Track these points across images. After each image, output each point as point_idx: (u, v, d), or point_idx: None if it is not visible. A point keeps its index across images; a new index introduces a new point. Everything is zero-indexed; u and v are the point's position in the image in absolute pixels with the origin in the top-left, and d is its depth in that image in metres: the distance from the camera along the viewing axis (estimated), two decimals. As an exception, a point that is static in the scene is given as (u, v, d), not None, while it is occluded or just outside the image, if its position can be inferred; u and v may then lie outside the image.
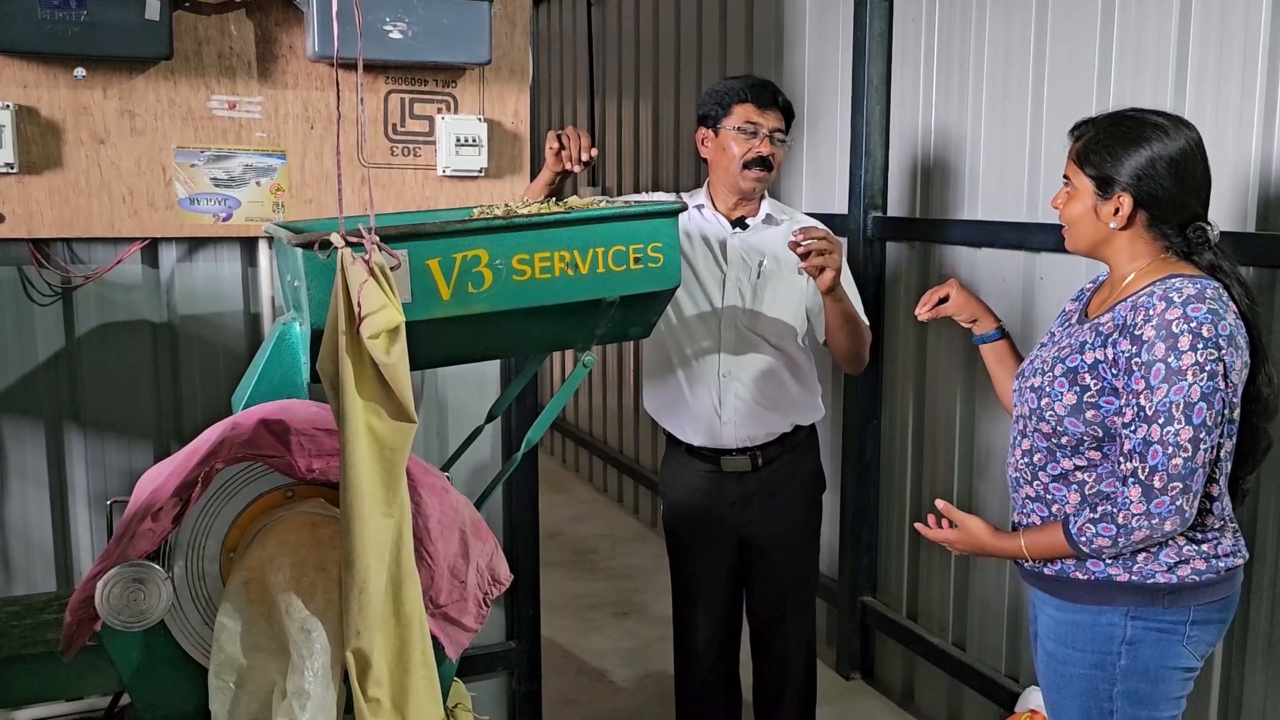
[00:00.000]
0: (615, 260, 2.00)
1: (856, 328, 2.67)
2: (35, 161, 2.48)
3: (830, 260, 2.43)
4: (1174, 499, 1.78)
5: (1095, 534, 1.85)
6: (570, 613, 4.45)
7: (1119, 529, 1.82)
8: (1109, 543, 1.84)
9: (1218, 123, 2.48)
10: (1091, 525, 1.86)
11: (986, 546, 2.04)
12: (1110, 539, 1.84)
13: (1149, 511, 1.80)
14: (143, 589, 1.71)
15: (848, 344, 2.68)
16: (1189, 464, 1.78)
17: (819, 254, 2.41)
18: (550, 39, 6.83)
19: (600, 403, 6.20)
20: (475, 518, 1.92)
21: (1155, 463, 1.78)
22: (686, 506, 2.84)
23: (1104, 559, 1.90)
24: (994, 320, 2.25)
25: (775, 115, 2.66)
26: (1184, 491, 1.79)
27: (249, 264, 2.76)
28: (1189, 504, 1.80)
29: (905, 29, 3.51)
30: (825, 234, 2.44)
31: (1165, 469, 1.78)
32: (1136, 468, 1.81)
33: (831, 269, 2.44)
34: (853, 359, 2.74)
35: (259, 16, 2.60)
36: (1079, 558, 1.91)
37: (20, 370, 2.62)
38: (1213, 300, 1.80)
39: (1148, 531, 1.81)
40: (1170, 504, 1.79)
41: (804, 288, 2.71)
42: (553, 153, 2.48)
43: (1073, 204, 1.95)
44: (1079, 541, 1.88)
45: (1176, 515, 1.79)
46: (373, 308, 1.54)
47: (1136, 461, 1.81)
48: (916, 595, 3.62)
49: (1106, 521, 1.84)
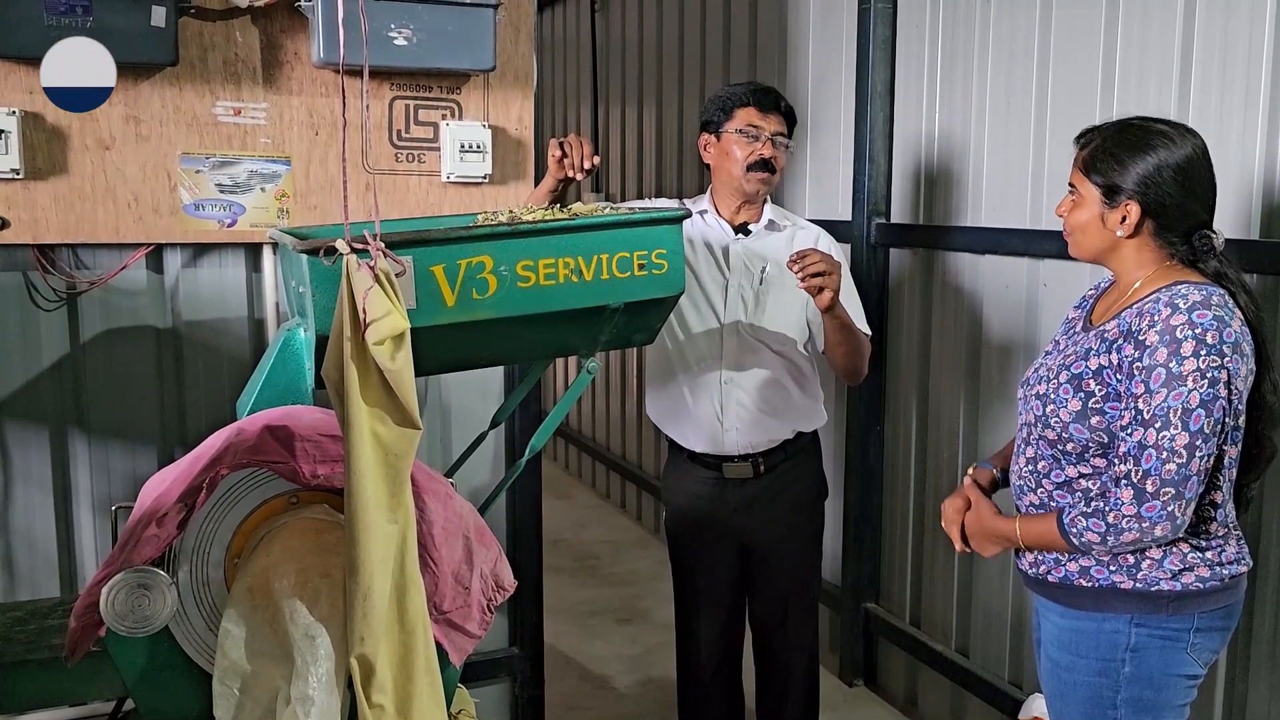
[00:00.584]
0: (619, 267, 2.00)
1: (855, 344, 2.67)
2: (41, 167, 2.48)
3: (829, 281, 2.42)
4: (1165, 504, 1.78)
5: (1086, 527, 1.85)
6: (573, 619, 4.45)
7: (1108, 527, 1.82)
8: (1098, 538, 1.84)
9: (1222, 130, 2.48)
10: (1083, 518, 1.86)
11: (987, 525, 2.04)
12: (1099, 535, 1.83)
13: (1139, 515, 1.79)
14: (147, 595, 1.71)
15: (845, 359, 2.68)
16: (1183, 470, 1.77)
17: (816, 274, 2.41)
18: (554, 45, 6.84)
19: (604, 408, 6.20)
20: (479, 524, 1.92)
21: (1148, 467, 1.78)
22: (688, 513, 2.84)
23: (1094, 556, 1.90)
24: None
25: (777, 119, 2.67)
26: (1176, 498, 1.78)
27: (253, 270, 2.77)
28: (1181, 510, 1.79)
29: (909, 35, 3.51)
30: (823, 257, 2.44)
31: (1158, 474, 1.78)
32: (1130, 470, 1.80)
33: (830, 289, 2.43)
34: (851, 372, 2.74)
35: (264, 23, 2.60)
36: (1070, 550, 1.90)
37: (25, 375, 2.63)
38: (1218, 307, 1.80)
39: (1137, 534, 1.81)
40: (1161, 509, 1.78)
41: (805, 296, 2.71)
42: (555, 160, 2.49)
43: (1078, 211, 1.94)
44: (1070, 532, 1.87)
45: (1167, 521, 1.79)
46: (377, 314, 1.54)
47: (1130, 464, 1.81)
48: (920, 602, 3.62)
49: (1097, 517, 1.84)
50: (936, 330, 3.46)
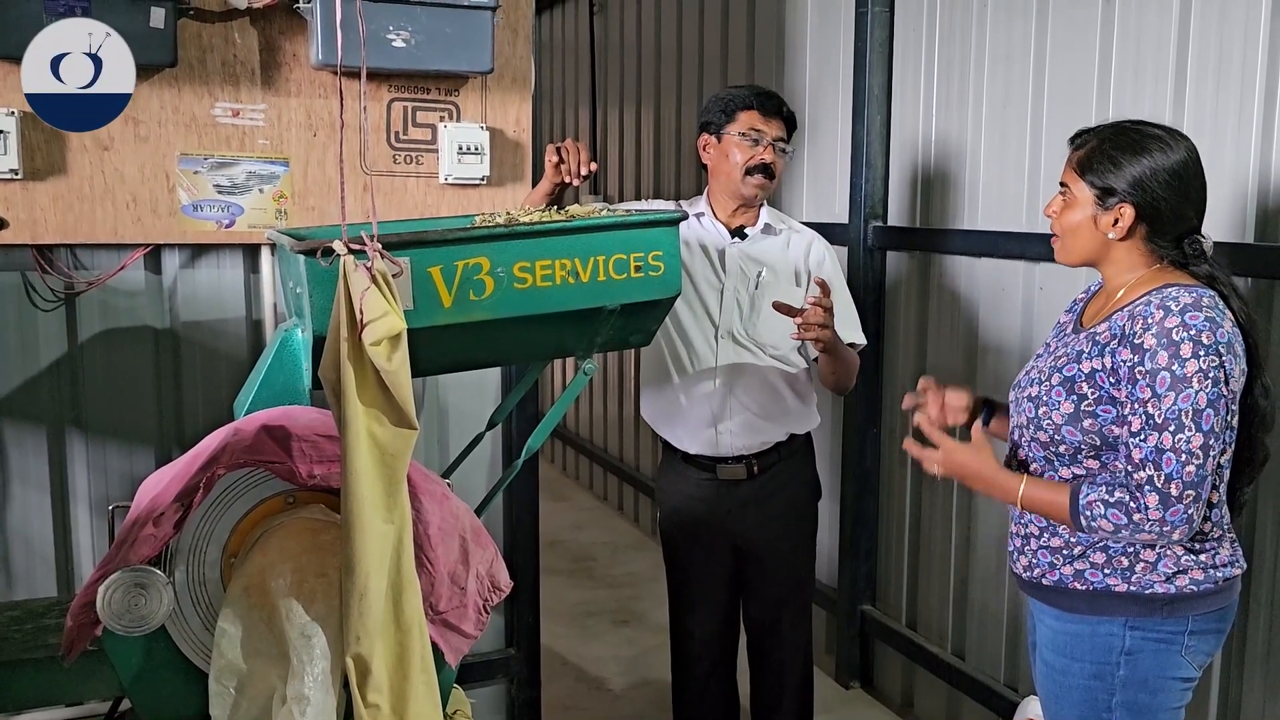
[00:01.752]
0: (616, 268, 2.01)
1: (846, 369, 2.69)
2: (40, 168, 2.49)
3: (824, 333, 2.44)
4: (1187, 508, 1.78)
5: (1103, 514, 1.82)
6: (569, 620, 4.45)
7: (1130, 523, 1.80)
8: (1111, 529, 1.82)
9: (1216, 133, 2.49)
10: (1102, 505, 1.82)
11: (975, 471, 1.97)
12: (1115, 527, 1.81)
13: (1164, 519, 1.78)
14: (144, 594, 1.72)
15: (834, 379, 2.71)
16: (1200, 471, 1.77)
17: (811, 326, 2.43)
18: (553, 47, 6.85)
19: (600, 410, 6.20)
20: (475, 524, 1.92)
21: (1170, 470, 1.77)
22: (683, 513, 2.85)
23: (1094, 542, 1.89)
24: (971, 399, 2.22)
25: (779, 124, 2.68)
26: (1195, 500, 1.78)
27: (251, 271, 2.77)
28: (1198, 513, 1.80)
29: (906, 38, 3.52)
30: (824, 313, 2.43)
31: (1180, 476, 1.77)
32: (1152, 475, 1.78)
33: (827, 336, 2.45)
34: (838, 389, 2.77)
35: (263, 25, 2.61)
36: (1069, 525, 1.88)
37: (23, 375, 2.63)
38: (1209, 308, 1.80)
39: (1155, 535, 1.80)
40: (1184, 512, 1.78)
41: (801, 300, 2.72)
42: (552, 165, 2.49)
43: (1069, 213, 1.94)
44: (1082, 512, 1.84)
45: (1185, 524, 1.79)
46: (375, 315, 1.55)
47: (1151, 470, 1.78)
48: (916, 604, 3.62)
49: (1119, 509, 1.81)
50: (933, 333, 3.47)
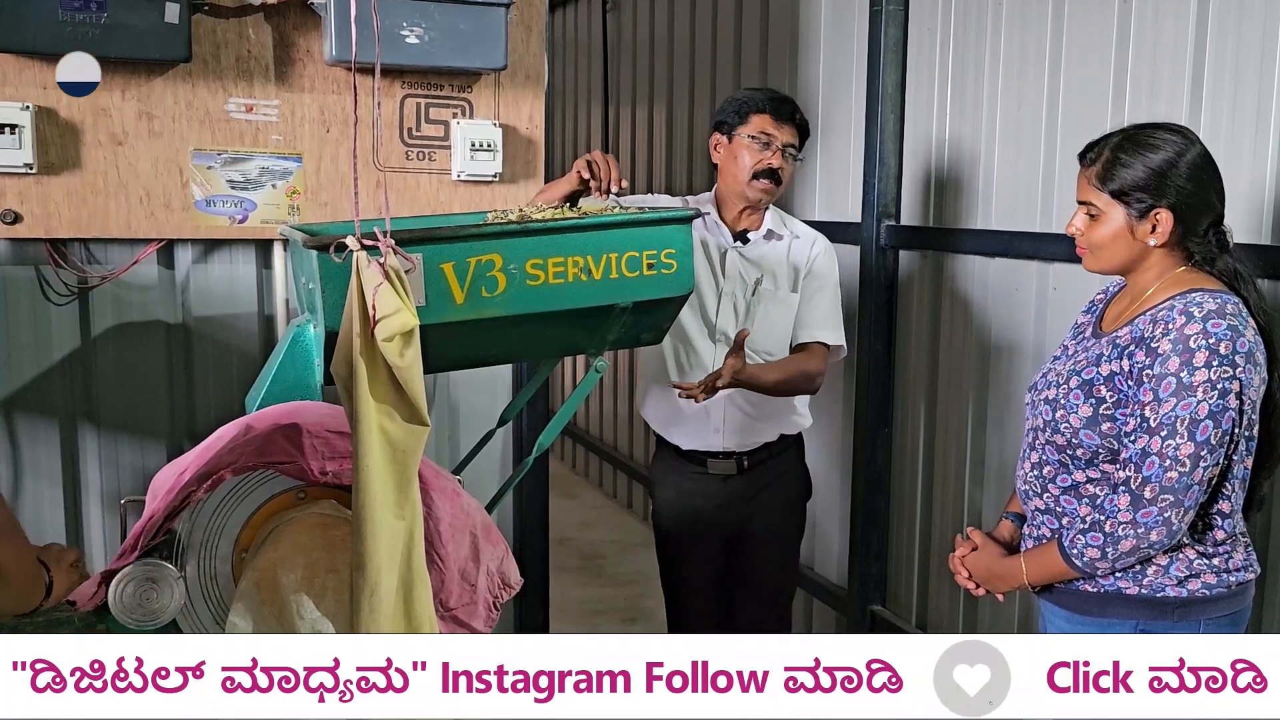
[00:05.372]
0: (629, 266, 2.00)
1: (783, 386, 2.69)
2: (54, 162, 2.49)
3: (704, 394, 2.48)
4: (1162, 510, 1.77)
5: (1085, 544, 1.84)
6: (578, 618, 4.46)
7: (1106, 537, 1.81)
8: (1098, 553, 1.83)
9: (1234, 134, 2.47)
10: (1081, 536, 1.85)
11: (985, 570, 2.09)
12: (1099, 549, 1.83)
13: (1135, 520, 1.78)
14: (155, 588, 1.72)
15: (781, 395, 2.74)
16: (1184, 479, 1.76)
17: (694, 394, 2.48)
18: (566, 44, 6.84)
19: (611, 408, 6.20)
20: (486, 521, 1.92)
21: (1149, 474, 1.77)
22: (675, 505, 2.89)
23: (1098, 574, 1.88)
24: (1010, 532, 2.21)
25: (791, 130, 2.68)
26: (1174, 505, 1.77)
27: (264, 266, 2.78)
28: (1179, 518, 1.78)
29: (920, 38, 3.51)
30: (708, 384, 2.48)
31: (1158, 481, 1.77)
32: (1129, 477, 1.80)
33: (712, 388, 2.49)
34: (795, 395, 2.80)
35: (277, 20, 2.61)
36: (1078, 575, 1.89)
37: (36, 369, 2.64)
38: (1233, 316, 1.79)
39: (1134, 541, 1.80)
40: (1158, 515, 1.77)
41: (796, 306, 2.76)
42: (580, 176, 2.43)
43: (1098, 228, 1.90)
44: (1071, 554, 1.87)
45: (1163, 527, 1.78)
46: (387, 311, 1.55)
47: (1130, 471, 1.80)
48: (926, 604, 3.61)
49: (1095, 531, 1.83)
50: (945, 333, 3.46)
